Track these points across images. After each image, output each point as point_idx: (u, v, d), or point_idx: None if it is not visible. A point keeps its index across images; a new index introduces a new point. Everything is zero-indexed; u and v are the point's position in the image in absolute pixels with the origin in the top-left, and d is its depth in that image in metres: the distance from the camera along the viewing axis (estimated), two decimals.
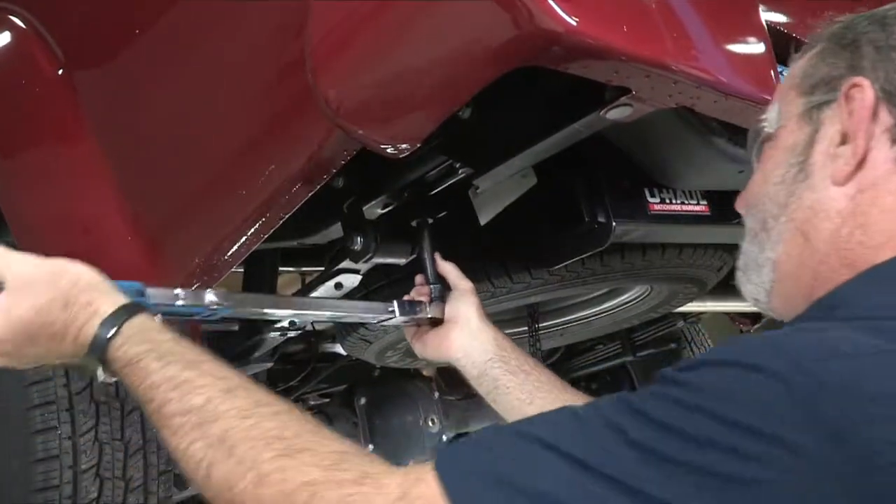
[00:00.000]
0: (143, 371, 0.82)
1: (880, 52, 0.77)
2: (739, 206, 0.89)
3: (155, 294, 1.01)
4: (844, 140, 0.77)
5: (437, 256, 1.34)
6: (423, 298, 1.32)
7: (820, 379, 0.59)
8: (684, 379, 0.64)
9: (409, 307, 1.30)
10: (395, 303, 1.29)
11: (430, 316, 1.30)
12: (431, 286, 1.32)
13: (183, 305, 1.04)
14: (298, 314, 1.33)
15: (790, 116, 0.82)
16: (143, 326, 0.86)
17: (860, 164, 0.75)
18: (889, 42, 0.77)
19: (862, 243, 0.74)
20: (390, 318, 1.30)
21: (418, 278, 1.35)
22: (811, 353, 0.61)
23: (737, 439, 0.58)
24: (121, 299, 0.89)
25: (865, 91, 0.76)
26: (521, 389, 1.20)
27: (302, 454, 0.70)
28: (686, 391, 0.62)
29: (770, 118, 0.85)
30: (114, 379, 0.87)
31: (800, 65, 0.85)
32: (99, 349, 0.85)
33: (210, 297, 1.08)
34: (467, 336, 1.26)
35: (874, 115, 0.75)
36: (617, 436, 0.62)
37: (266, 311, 1.26)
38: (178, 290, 1.04)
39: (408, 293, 1.36)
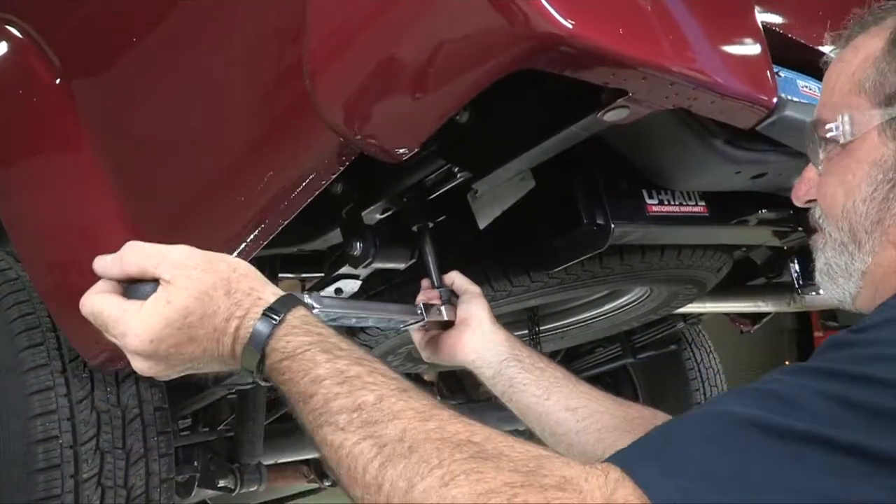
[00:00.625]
0: (309, 363, 0.75)
1: None
2: (799, 198, 0.92)
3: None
4: None
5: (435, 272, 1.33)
6: (434, 302, 1.30)
7: None
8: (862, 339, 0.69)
9: (429, 310, 1.28)
10: (422, 305, 1.28)
11: (445, 318, 1.29)
12: (439, 290, 1.31)
13: None
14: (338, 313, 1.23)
15: (868, 128, 0.82)
16: (306, 319, 0.80)
17: None
18: None
19: None
20: (419, 321, 1.27)
21: (425, 282, 1.34)
22: None
23: None
24: (278, 290, 0.82)
25: None
26: (536, 385, 1.20)
27: (498, 458, 0.65)
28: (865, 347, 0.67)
29: (841, 126, 0.84)
30: (266, 382, 0.81)
31: (858, 66, 0.84)
32: (262, 340, 0.78)
33: (307, 300, 1.03)
34: (480, 338, 1.25)
35: None
36: (817, 397, 0.63)
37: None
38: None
39: (406, 297, 1.36)
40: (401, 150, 1.04)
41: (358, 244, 1.33)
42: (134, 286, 0.84)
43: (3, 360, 1.50)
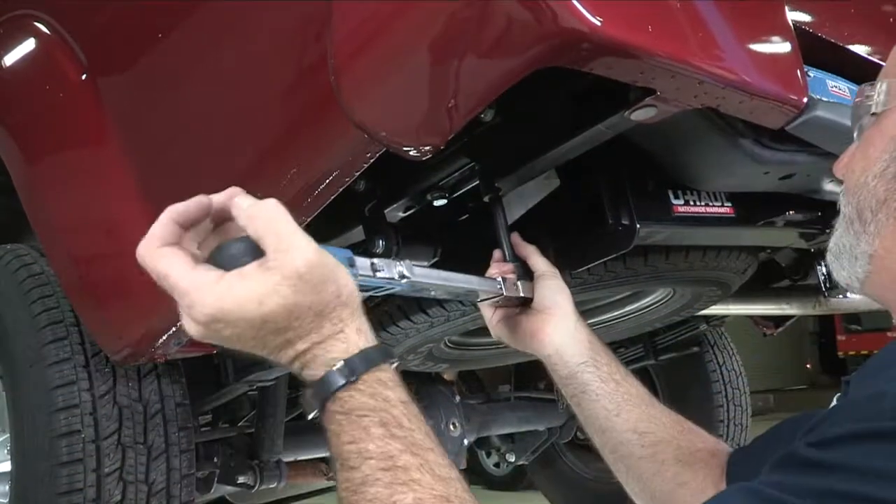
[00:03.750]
0: (362, 432, 0.71)
1: None
2: (838, 170, 0.87)
3: (361, 265, 0.94)
4: None
5: (516, 236, 1.26)
6: (509, 276, 1.21)
7: None
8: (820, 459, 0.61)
9: (508, 284, 1.20)
10: (500, 279, 1.19)
11: (522, 294, 1.20)
12: (514, 264, 1.24)
13: (379, 279, 0.98)
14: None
15: None
16: (381, 378, 0.74)
17: None
18: None
19: None
20: (497, 295, 1.19)
21: (496, 254, 1.27)
22: None
23: None
24: (365, 327, 0.77)
25: None
26: (609, 399, 1.15)
27: None
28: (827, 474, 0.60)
29: (877, 95, 0.79)
30: (315, 416, 0.76)
31: None
32: (328, 392, 0.74)
33: (401, 268, 1.02)
34: (564, 333, 1.18)
35: None
36: None
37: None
38: (376, 261, 0.98)
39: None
40: (425, 148, 1.04)
41: (380, 242, 1.33)
42: (221, 249, 0.75)
43: (27, 354, 1.51)
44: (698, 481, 1.07)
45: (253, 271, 0.73)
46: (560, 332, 1.18)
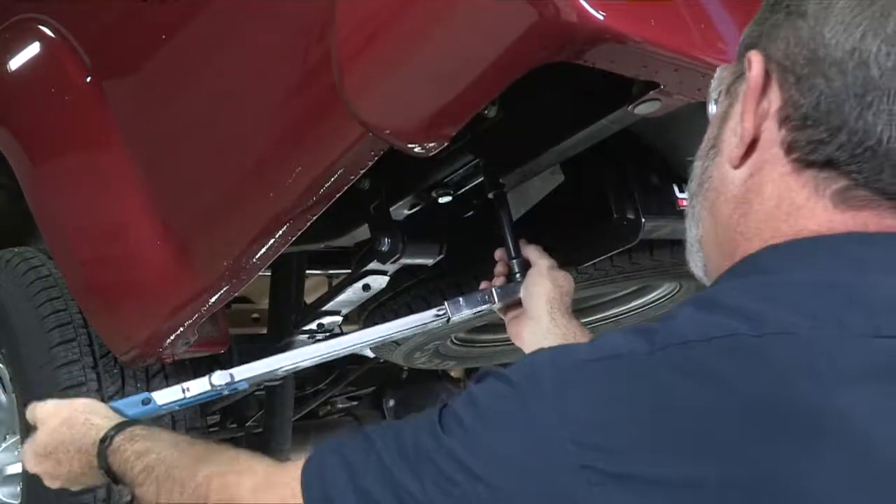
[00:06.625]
0: (122, 454, 0.99)
1: (789, 19, 0.66)
2: None
3: (162, 395, 1.16)
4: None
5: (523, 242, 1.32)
6: (498, 280, 1.32)
7: None
8: None
9: (471, 301, 1.30)
10: (447, 304, 1.29)
11: (496, 306, 1.30)
12: (513, 261, 1.30)
13: (193, 396, 1.17)
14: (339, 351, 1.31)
15: (724, 85, 0.74)
16: (131, 433, 1.02)
17: (752, 146, 0.67)
18: (801, 7, 0.65)
19: (741, 233, 0.68)
20: (448, 320, 1.30)
21: (498, 253, 1.33)
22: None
23: None
24: (113, 417, 1.07)
25: (755, 64, 0.66)
26: None
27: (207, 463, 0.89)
28: None
29: (713, 83, 0.77)
30: (124, 490, 1.12)
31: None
32: (101, 455, 1.02)
33: (216, 379, 1.18)
34: (536, 336, 1.23)
35: (764, 91, 0.66)
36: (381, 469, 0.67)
37: (282, 369, 1.28)
38: (184, 385, 1.17)
39: (434, 293, 1.35)
40: (430, 145, 1.04)
41: (386, 240, 1.33)
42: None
43: (36, 357, 1.52)
44: None
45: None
46: (532, 334, 1.24)
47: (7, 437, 1.71)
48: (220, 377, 1.17)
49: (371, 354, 2.11)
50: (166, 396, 1.16)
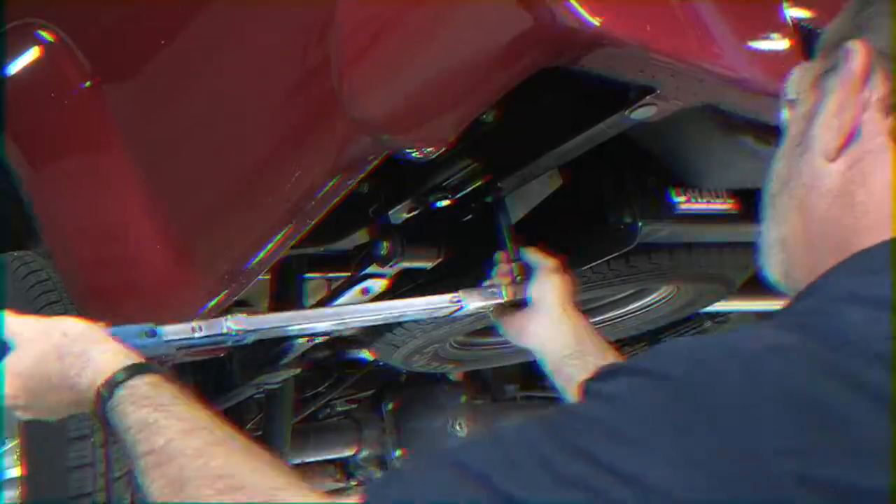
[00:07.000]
0: (121, 415, 0.84)
1: (890, 5, 0.66)
2: None
3: (171, 331, 1.02)
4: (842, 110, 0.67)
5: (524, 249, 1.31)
6: (503, 279, 1.28)
7: None
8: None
9: (484, 294, 1.26)
10: (461, 292, 1.24)
11: (504, 300, 1.26)
12: (513, 264, 1.28)
13: (203, 337, 1.06)
14: (344, 322, 1.27)
15: (807, 82, 0.73)
16: (136, 392, 0.87)
17: (851, 137, 0.66)
18: None
19: (848, 227, 0.66)
20: (460, 309, 1.25)
21: (498, 255, 1.33)
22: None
23: None
24: (111, 349, 0.91)
25: (857, 54, 0.66)
26: None
27: (239, 491, 0.72)
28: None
29: (789, 84, 0.76)
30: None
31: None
32: (101, 404, 0.87)
33: (228, 323, 1.08)
34: (546, 327, 1.22)
35: (866, 81, 0.65)
36: (539, 465, 0.55)
37: (296, 326, 1.22)
38: (195, 323, 1.05)
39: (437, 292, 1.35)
40: (428, 149, 1.04)
41: (385, 243, 1.34)
42: None
43: None
44: None
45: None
46: (543, 326, 1.22)
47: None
48: (237, 321, 1.07)
49: (371, 357, 2.11)
50: (174, 332, 1.02)
